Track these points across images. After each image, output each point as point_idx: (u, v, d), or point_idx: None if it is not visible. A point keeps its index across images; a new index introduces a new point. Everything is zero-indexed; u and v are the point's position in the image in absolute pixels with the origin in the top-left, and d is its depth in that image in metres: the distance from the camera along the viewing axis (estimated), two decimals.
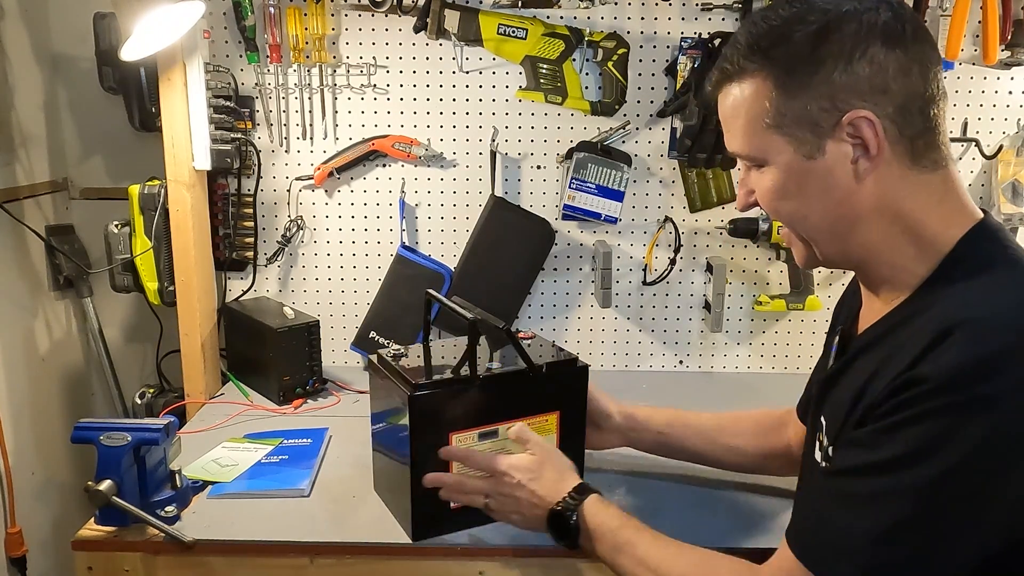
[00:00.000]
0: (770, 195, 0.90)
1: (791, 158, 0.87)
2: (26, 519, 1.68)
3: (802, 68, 0.84)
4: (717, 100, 0.94)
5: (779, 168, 0.88)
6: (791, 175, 0.88)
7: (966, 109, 1.78)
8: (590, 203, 1.75)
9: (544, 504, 1.07)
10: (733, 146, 0.93)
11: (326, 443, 1.47)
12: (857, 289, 1.04)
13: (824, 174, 0.86)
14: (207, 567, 1.18)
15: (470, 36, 1.70)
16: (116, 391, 1.94)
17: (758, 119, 0.87)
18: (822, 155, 0.85)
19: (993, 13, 1.65)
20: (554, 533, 1.07)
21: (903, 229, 0.87)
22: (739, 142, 0.91)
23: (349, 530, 1.20)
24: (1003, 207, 1.77)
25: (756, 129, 0.88)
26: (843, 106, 0.83)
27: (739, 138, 0.91)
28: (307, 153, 1.82)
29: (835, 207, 0.87)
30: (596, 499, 1.06)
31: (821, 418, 0.96)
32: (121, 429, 1.15)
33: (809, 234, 0.91)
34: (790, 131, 0.86)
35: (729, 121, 0.92)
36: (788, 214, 0.91)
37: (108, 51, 1.67)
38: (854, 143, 0.84)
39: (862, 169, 0.85)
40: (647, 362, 1.92)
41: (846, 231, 0.89)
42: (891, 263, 0.89)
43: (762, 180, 0.91)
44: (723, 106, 0.92)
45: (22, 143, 1.76)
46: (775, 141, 0.87)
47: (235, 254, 1.85)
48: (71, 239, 1.88)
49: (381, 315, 1.82)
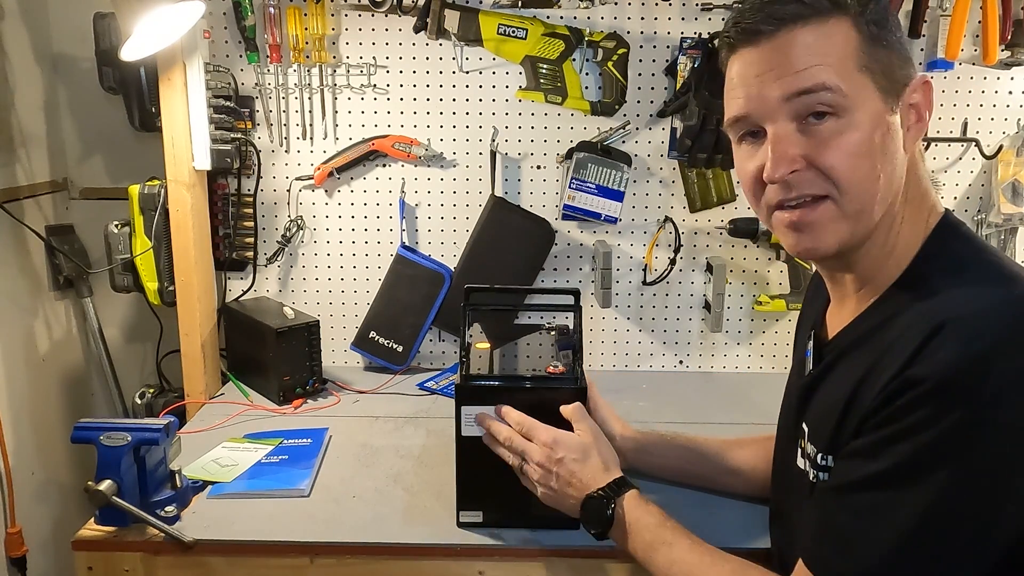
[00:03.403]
0: (847, 149, 0.82)
1: (880, 107, 0.83)
2: (26, 519, 1.68)
3: (886, 24, 0.85)
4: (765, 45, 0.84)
5: (867, 116, 0.82)
6: (877, 126, 0.83)
7: (966, 109, 1.78)
8: (590, 203, 1.75)
9: (582, 488, 1.07)
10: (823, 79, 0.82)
11: (326, 443, 1.47)
12: (819, 291, 1.03)
13: (893, 135, 0.84)
14: (207, 567, 1.18)
15: (470, 36, 1.70)
16: (116, 391, 1.94)
17: (852, 58, 0.83)
18: (895, 114, 0.84)
19: (993, 13, 1.65)
20: (585, 519, 1.07)
21: (908, 215, 0.87)
22: (829, 75, 0.82)
23: (349, 530, 1.20)
24: (1003, 207, 1.77)
25: (850, 66, 0.83)
26: (911, 69, 0.85)
27: (829, 72, 0.82)
28: (307, 153, 1.82)
29: (898, 172, 0.85)
30: (636, 494, 1.06)
31: (803, 425, 0.95)
32: (121, 429, 1.15)
33: (864, 201, 0.84)
34: (879, 78, 0.83)
35: (812, 57, 0.82)
36: (862, 174, 0.83)
37: (108, 51, 1.67)
38: (910, 110, 0.85)
39: (911, 137, 0.86)
40: (647, 362, 1.92)
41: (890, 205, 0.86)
42: (881, 252, 0.88)
43: (837, 133, 0.82)
44: (796, 44, 0.83)
45: (22, 143, 1.76)
46: (868, 84, 0.83)
47: (235, 254, 1.85)
48: (71, 239, 1.88)
49: (381, 315, 1.82)
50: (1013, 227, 1.80)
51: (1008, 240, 1.82)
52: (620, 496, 1.05)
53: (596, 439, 1.12)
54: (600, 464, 1.09)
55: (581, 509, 1.07)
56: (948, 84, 1.77)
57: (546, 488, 1.10)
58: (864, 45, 0.83)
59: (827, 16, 0.83)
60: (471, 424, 1.15)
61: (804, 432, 0.94)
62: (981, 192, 1.82)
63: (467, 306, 1.27)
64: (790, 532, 1.02)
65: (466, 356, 1.22)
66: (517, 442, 1.12)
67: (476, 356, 1.25)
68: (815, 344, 0.99)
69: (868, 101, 0.83)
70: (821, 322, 1.00)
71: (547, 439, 1.10)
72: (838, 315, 0.96)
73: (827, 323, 0.99)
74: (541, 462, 1.09)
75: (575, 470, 1.08)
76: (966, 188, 1.82)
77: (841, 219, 0.85)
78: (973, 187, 1.82)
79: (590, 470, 1.08)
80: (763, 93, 0.85)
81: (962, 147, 1.80)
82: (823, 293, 1.01)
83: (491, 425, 1.14)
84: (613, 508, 1.04)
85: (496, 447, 1.14)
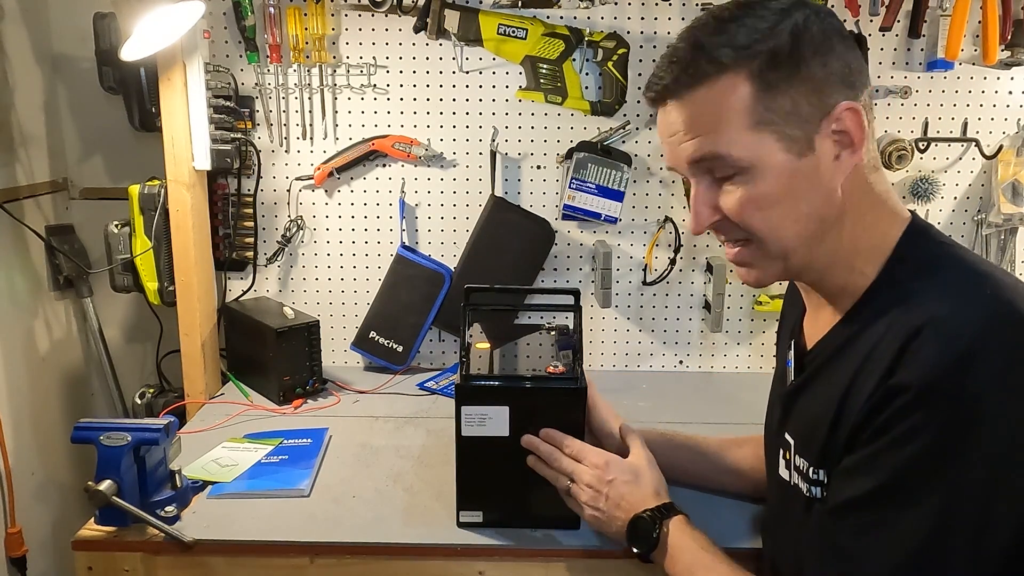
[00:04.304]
0: (754, 204, 0.84)
1: (783, 158, 0.82)
2: (26, 519, 1.68)
3: (785, 62, 0.80)
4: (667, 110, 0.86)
5: (768, 171, 0.82)
6: (782, 177, 0.82)
7: (966, 109, 1.78)
8: (590, 203, 1.75)
9: (630, 510, 1.06)
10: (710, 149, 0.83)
11: (326, 443, 1.47)
12: (796, 297, 1.02)
13: (812, 172, 0.83)
14: (207, 567, 1.18)
15: (470, 36, 1.70)
16: (116, 391, 1.94)
17: (741, 118, 0.81)
18: (812, 152, 0.82)
19: (993, 13, 1.65)
20: (631, 539, 1.06)
21: (863, 230, 0.86)
22: (720, 146, 0.83)
23: (349, 530, 1.20)
24: (1003, 207, 1.77)
25: (741, 130, 0.82)
26: (829, 99, 0.81)
27: (720, 142, 0.83)
28: (307, 153, 1.82)
29: (819, 209, 0.84)
30: (684, 520, 1.04)
31: (786, 435, 0.94)
32: (121, 429, 1.15)
33: (786, 245, 0.86)
34: (779, 128, 0.81)
35: (699, 129, 0.84)
36: (774, 223, 0.85)
37: (108, 51, 1.67)
38: (837, 138, 0.82)
39: (844, 164, 0.83)
40: (647, 362, 1.92)
41: (822, 235, 0.85)
42: (849, 267, 0.87)
43: (742, 190, 0.84)
44: (684, 116, 0.84)
45: (22, 143, 1.76)
46: (764, 141, 0.82)
47: (235, 254, 1.85)
48: (71, 239, 1.88)
49: (381, 315, 1.82)
50: (1013, 227, 1.80)
51: (1008, 240, 1.82)
52: (668, 519, 1.04)
53: (649, 463, 1.11)
54: (652, 489, 1.08)
55: (627, 529, 1.06)
56: (948, 84, 1.77)
57: (594, 509, 1.09)
58: (760, 97, 0.81)
59: (716, 77, 0.82)
60: (471, 424, 1.15)
61: (788, 443, 0.93)
62: (981, 192, 1.82)
63: (467, 306, 1.27)
64: (780, 542, 1.02)
65: (466, 356, 1.22)
66: (566, 464, 1.11)
67: (476, 356, 1.25)
68: (796, 353, 0.98)
69: (768, 156, 0.82)
70: (800, 330, 0.99)
71: (599, 461, 1.09)
72: (815, 323, 0.95)
73: (805, 331, 0.98)
74: (591, 483, 1.08)
75: (625, 492, 1.07)
76: (966, 188, 1.82)
77: (769, 259, 0.88)
78: (973, 187, 1.82)
79: (641, 493, 1.07)
80: (674, 153, 0.88)
81: (962, 147, 1.80)
82: (800, 300, 1.01)
83: (539, 446, 1.13)
84: (659, 530, 1.03)
85: (541, 468, 1.13)
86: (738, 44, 0.81)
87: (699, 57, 0.82)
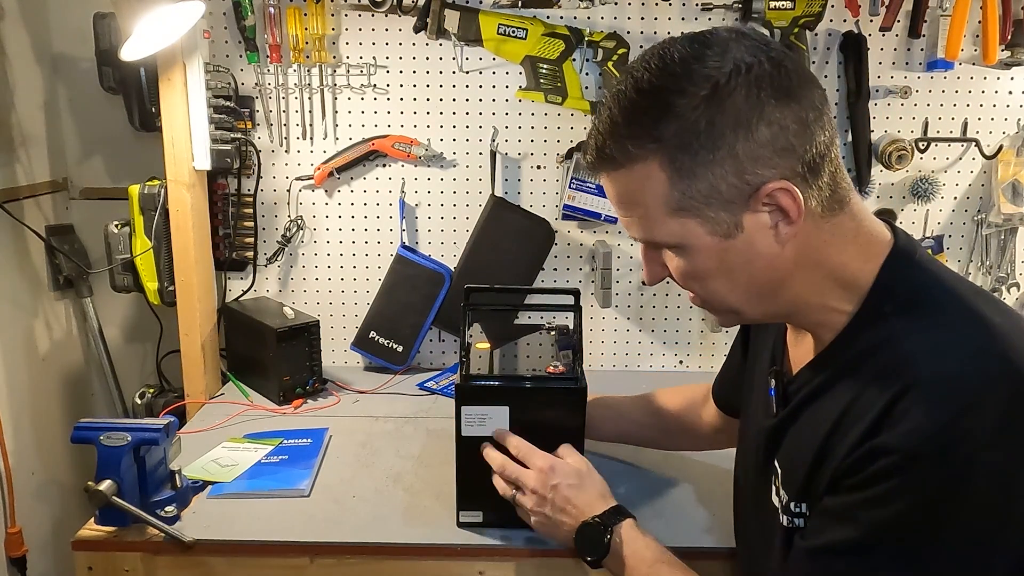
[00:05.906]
0: (690, 276, 0.84)
1: (708, 240, 0.79)
2: (26, 519, 1.68)
3: (700, 144, 0.75)
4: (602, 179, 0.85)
5: (698, 251, 0.81)
6: (710, 256, 0.80)
7: (966, 109, 1.78)
8: (590, 203, 1.75)
9: (577, 515, 1.05)
10: (638, 235, 0.84)
11: (326, 443, 1.47)
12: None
13: (745, 248, 0.80)
14: (207, 567, 1.18)
15: (470, 36, 1.70)
16: (116, 391, 1.94)
17: (661, 205, 0.79)
18: (740, 231, 0.79)
19: (993, 13, 1.65)
20: (580, 546, 1.04)
21: (826, 275, 0.82)
22: (645, 232, 0.82)
23: (349, 530, 1.20)
24: (1003, 207, 1.78)
25: (661, 216, 0.80)
26: (753, 179, 0.76)
27: (644, 228, 0.82)
28: (307, 153, 1.82)
29: (759, 275, 0.82)
30: (633, 523, 1.03)
31: (775, 463, 0.92)
32: (121, 429, 1.15)
33: (732, 306, 0.85)
34: (701, 213, 0.78)
35: (626, 208, 0.83)
36: (710, 292, 0.85)
37: (108, 51, 1.67)
38: (771, 210, 0.78)
39: (783, 234, 0.79)
40: (647, 362, 1.92)
41: (772, 293, 0.83)
42: (821, 306, 0.83)
43: (678, 261, 0.83)
44: (612, 193, 0.84)
45: (22, 143, 1.76)
46: (687, 225, 0.79)
47: (235, 254, 1.85)
48: (71, 239, 1.88)
49: (381, 315, 1.82)
50: (1013, 227, 1.80)
51: (1008, 240, 1.82)
52: (618, 524, 1.03)
53: (589, 468, 1.11)
54: (597, 492, 1.08)
55: (576, 536, 1.05)
56: (948, 84, 1.77)
57: (540, 516, 1.08)
58: (675, 183, 0.77)
59: (630, 165, 0.79)
60: (471, 424, 1.15)
61: (776, 471, 0.91)
62: (981, 192, 1.82)
63: (467, 306, 1.27)
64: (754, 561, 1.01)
65: (466, 356, 1.22)
66: (510, 470, 1.11)
67: (476, 356, 1.25)
68: (779, 383, 0.95)
69: (695, 239, 0.80)
70: (782, 352, 0.97)
71: (544, 465, 1.09)
72: (798, 345, 0.93)
73: (789, 351, 0.96)
74: (536, 488, 1.08)
75: (570, 496, 1.06)
76: (966, 188, 1.82)
77: (728, 311, 0.87)
78: (973, 187, 1.82)
79: (586, 497, 1.06)
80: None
81: (962, 147, 1.80)
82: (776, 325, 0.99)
83: (488, 454, 1.13)
84: (610, 536, 1.02)
85: (495, 480, 1.13)
86: (646, 133, 0.77)
87: (613, 142, 0.80)
